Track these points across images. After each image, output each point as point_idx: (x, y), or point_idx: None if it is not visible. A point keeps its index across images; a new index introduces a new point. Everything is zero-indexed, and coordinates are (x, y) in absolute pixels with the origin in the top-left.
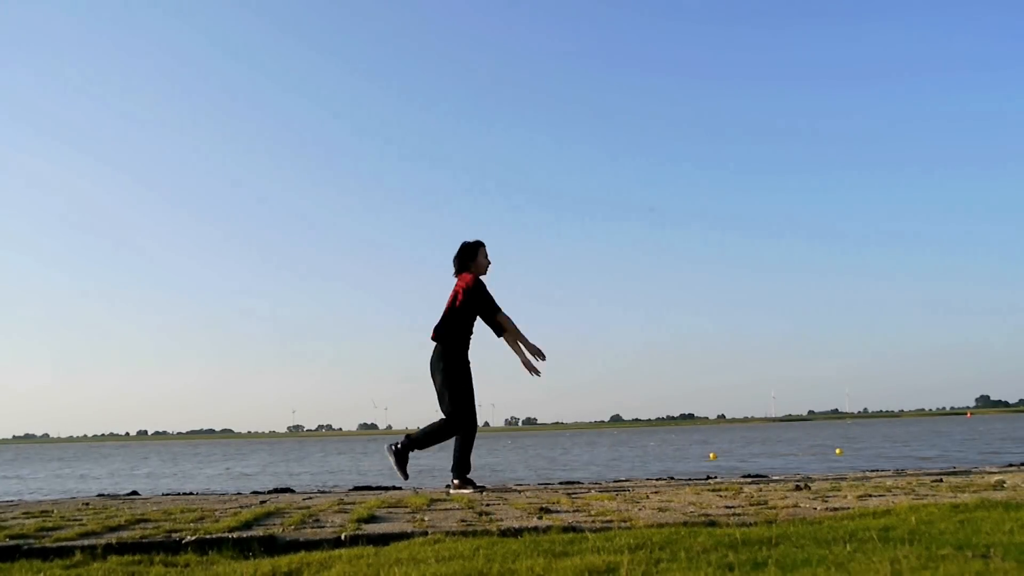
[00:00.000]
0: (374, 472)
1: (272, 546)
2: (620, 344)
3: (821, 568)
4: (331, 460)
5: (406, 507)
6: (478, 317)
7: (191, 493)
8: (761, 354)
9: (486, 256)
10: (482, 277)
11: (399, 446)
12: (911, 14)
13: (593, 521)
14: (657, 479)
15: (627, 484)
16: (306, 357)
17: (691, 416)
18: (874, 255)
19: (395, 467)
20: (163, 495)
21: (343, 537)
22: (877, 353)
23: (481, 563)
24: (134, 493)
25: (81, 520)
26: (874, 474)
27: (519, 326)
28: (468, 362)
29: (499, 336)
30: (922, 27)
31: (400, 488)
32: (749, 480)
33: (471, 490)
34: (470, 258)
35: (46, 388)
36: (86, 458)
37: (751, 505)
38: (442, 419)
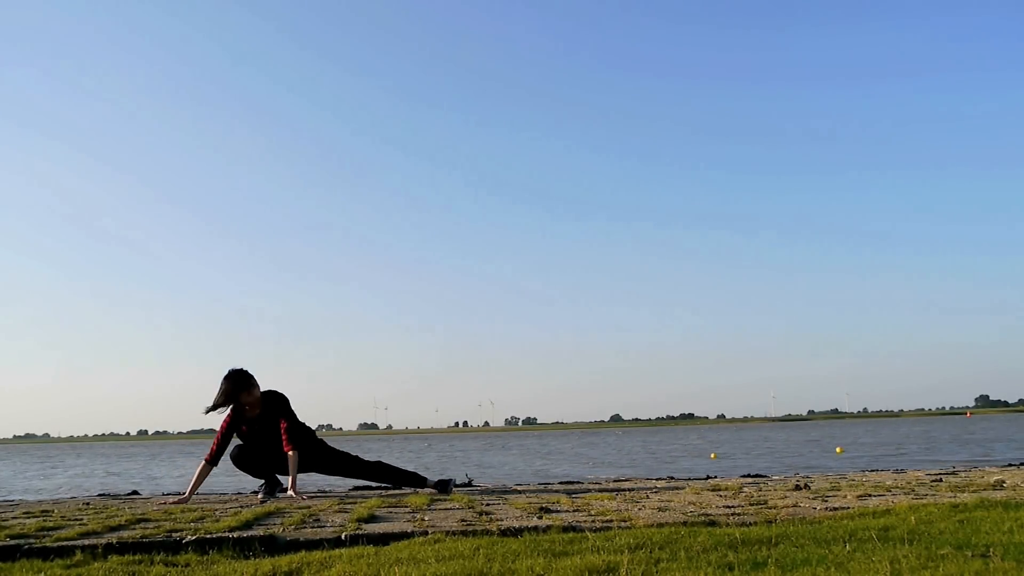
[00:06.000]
0: None
1: (272, 546)
2: (620, 344)
3: (821, 568)
4: None
5: (406, 507)
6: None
7: None
8: (761, 354)
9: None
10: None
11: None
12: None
13: (593, 521)
14: (657, 479)
15: (627, 484)
16: (306, 357)
17: (691, 416)
18: (874, 255)
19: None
20: (164, 495)
21: (343, 537)
22: (877, 353)
23: (481, 563)
24: (135, 493)
25: (82, 520)
26: (874, 474)
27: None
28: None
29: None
30: (920, 27)
31: (400, 488)
32: (749, 480)
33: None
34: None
35: (46, 388)
36: (86, 458)
37: (751, 505)
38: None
